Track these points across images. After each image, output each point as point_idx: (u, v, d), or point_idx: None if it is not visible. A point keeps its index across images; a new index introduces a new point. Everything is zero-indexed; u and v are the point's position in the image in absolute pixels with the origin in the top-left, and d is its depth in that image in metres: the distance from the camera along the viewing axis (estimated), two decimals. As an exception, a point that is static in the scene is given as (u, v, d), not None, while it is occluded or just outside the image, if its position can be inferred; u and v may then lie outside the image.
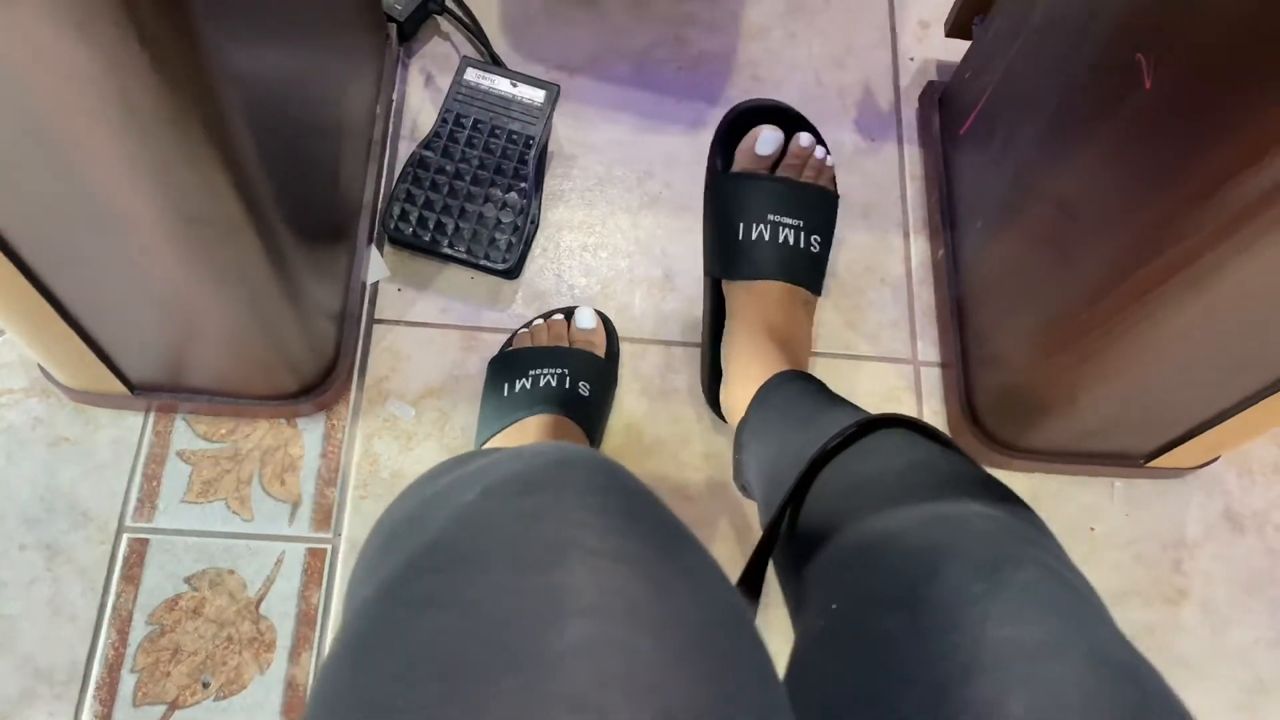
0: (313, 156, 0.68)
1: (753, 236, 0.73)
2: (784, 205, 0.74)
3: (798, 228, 0.74)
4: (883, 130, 0.96)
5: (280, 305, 0.65)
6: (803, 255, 0.74)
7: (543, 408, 0.72)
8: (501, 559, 0.29)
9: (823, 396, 0.63)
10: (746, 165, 0.76)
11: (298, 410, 0.78)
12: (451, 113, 0.85)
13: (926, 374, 0.87)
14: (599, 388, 0.75)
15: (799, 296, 0.74)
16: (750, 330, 0.71)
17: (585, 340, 0.78)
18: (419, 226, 0.82)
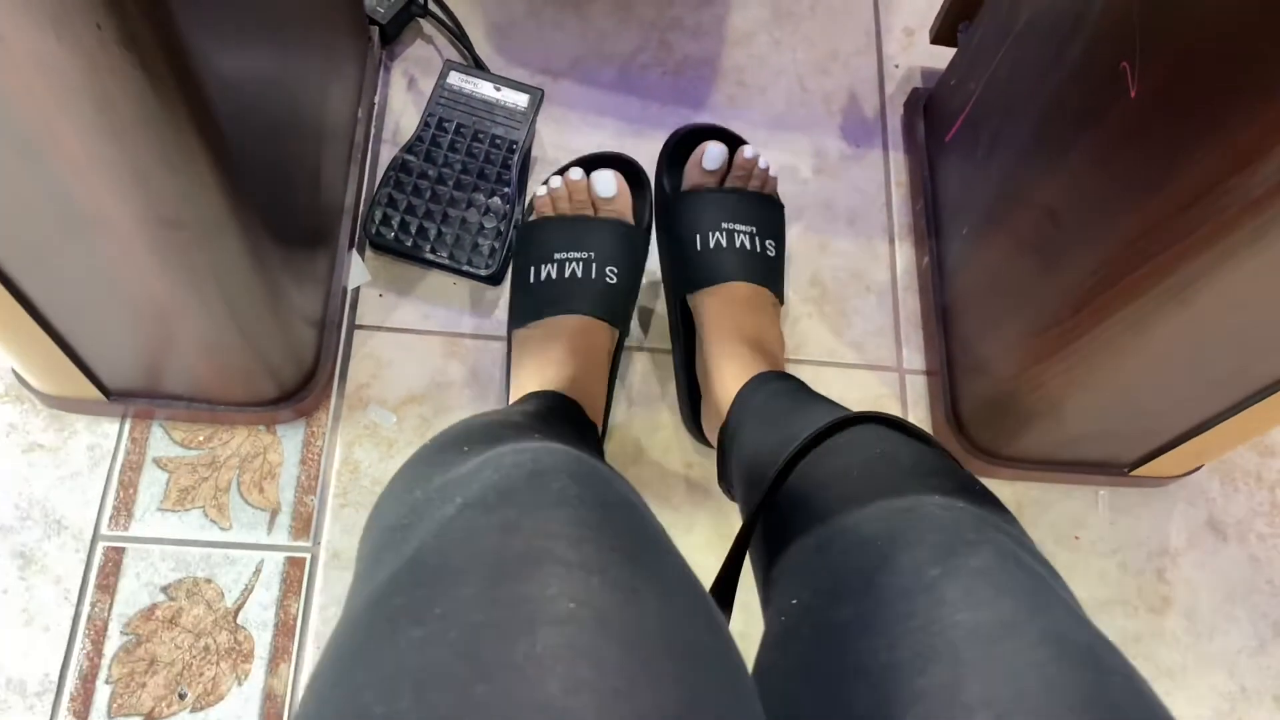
0: (293, 159, 0.68)
1: (710, 245, 0.74)
2: (736, 213, 0.75)
3: (751, 234, 0.75)
4: (868, 137, 0.96)
5: (259, 310, 0.64)
6: (760, 259, 0.75)
7: (571, 305, 0.71)
8: (477, 571, 0.30)
9: (801, 394, 0.63)
10: (695, 181, 0.77)
11: (277, 417, 0.77)
12: (434, 116, 0.85)
13: (912, 382, 0.87)
14: (627, 267, 0.74)
15: (764, 297, 0.75)
16: (722, 335, 0.72)
17: (612, 209, 0.75)
18: (401, 231, 0.82)
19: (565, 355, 0.70)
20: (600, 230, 0.74)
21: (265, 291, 0.63)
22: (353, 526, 0.76)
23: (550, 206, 0.77)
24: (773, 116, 0.96)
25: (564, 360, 0.70)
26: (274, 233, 0.61)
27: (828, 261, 0.91)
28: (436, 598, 0.29)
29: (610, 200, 0.76)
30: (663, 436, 0.82)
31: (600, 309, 0.72)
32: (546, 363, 0.70)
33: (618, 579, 0.30)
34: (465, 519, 0.32)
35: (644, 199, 0.78)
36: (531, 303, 0.73)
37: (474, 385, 0.82)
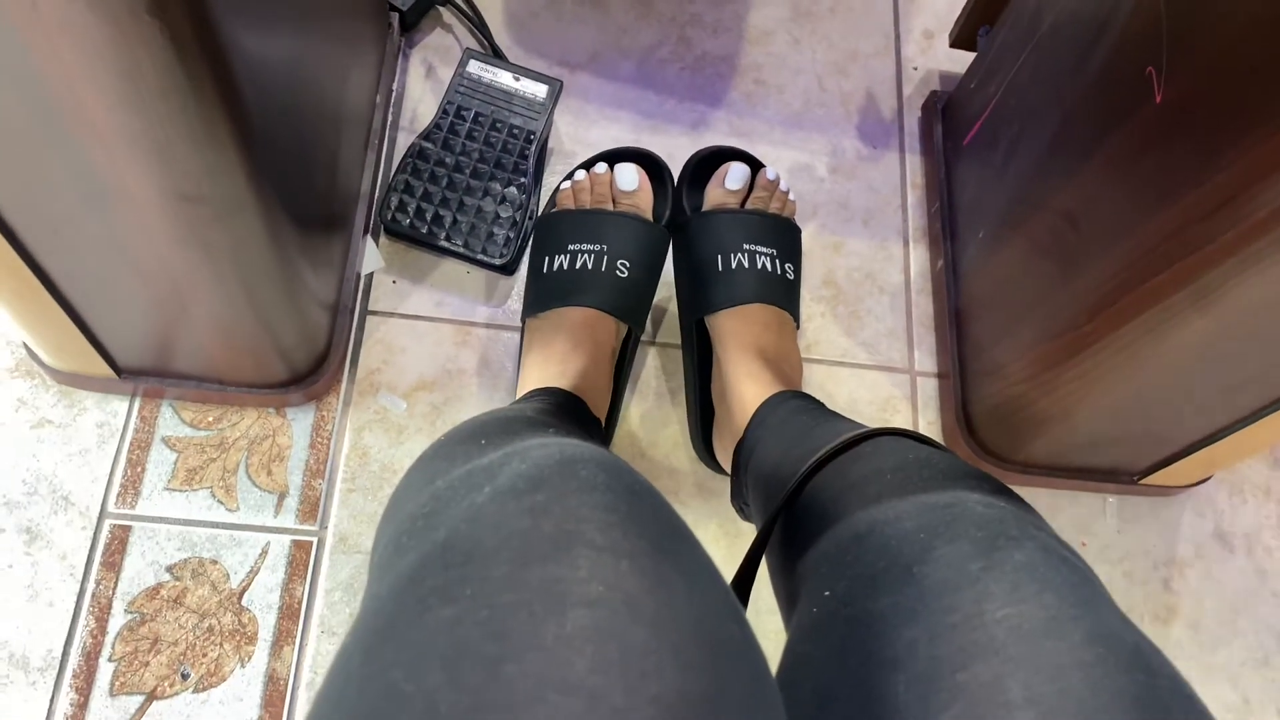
0: (312, 141, 0.68)
1: (732, 265, 0.74)
2: (758, 235, 0.76)
3: (773, 256, 0.75)
4: (885, 138, 0.96)
5: (274, 291, 0.64)
6: (780, 281, 0.75)
7: (579, 298, 0.71)
8: (508, 553, 0.30)
9: (821, 413, 0.64)
10: (717, 201, 0.77)
11: (287, 400, 0.77)
12: (453, 104, 0.85)
13: (923, 384, 0.87)
14: (642, 262, 0.74)
15: (783, 320, 0.75)
16: (741, 355, 0.72)
17: (631, 204, 0.76)
18: (416, 218, 0.82)
19: (569, 348, 0.70)
20: (616, 223, 0.75)
21: (281, 273, 0.63)
22: (360, 512, 0.76)
23: (572, 199, 0.77)
24: (790, 115, 0.96)
25: (567, 354, 0.70)
26: (292, 214, 0.61)
27: (842, 261, 0.91)
28: (468, 579, 0.29)
29: (631, 194, 0.76)
30: (671, 433, 0.82)
31: (609, 302, 0.72)
32: (550, 356, 0.71)
33: (646, 565, 0.30)
34: (496, 505, 0.33)
35: (665, 196, 0.78)
36: (543, 292, 0.73)
37: (485, 374, 0.82)
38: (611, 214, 0.75)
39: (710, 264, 0.75)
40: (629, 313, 0.73)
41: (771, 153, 0.94)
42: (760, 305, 0.74)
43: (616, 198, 0.76)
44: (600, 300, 0.72)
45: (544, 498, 0.32)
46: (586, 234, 0.74)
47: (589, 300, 0.72)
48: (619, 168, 0.77)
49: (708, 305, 0.75)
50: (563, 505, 0.32)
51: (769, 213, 0.77)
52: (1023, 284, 0.73)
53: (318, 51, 0.67)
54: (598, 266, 0.73)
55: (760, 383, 0.69)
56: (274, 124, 0.55)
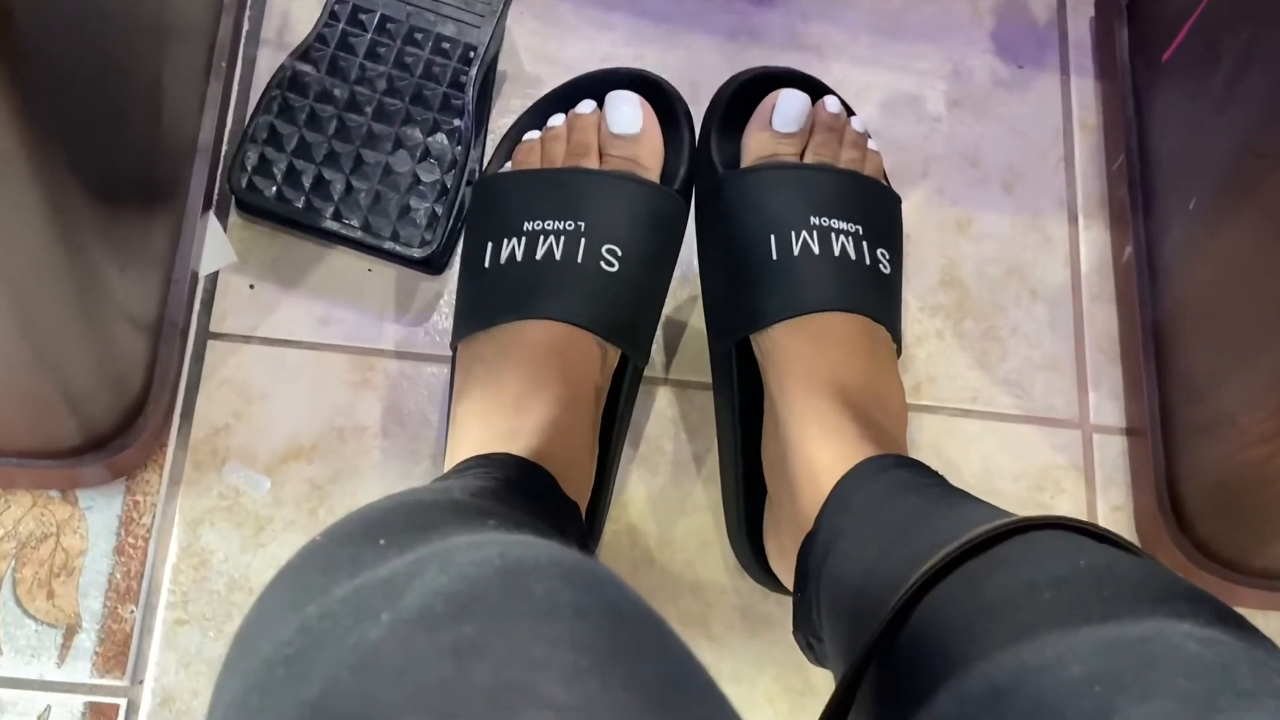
0: (117, 68, 0.67)
1: (794, 250, 0.74)
2: (832, 202, 0.75)
3: (856, 235, 0.75)
4: (1036, 52, 0.96)
5: (56, 305, 0.64)
6: (870, 275, 0.75)
7: (540, 305, 0.72)
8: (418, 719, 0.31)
9: (936, 491, 0.64)
10: (763, 152, 0.77)
11: (79, 476, 0.77)
12: (345, 3, 0.84)
13: (1103, 445, 0.86)
14: (641, 249, 0.75)
15: (876, 338, 0.75)
16: (810, 396, 0.72)
17: (626, 156, 0.76)
18: (287, 185, 0.82)
19: (526, 388, 0.71)
20: (600, 187, 0.75)
21: (67, 274, 0.63)
22: (195, 656, 0.75)
23: (537, 156, 0.77)
24: (883, 18, 0.96)
25: (523, 397, 0.71)
26: (85, 179, 0.61)
27: (969, 249, 0.90)
28: None
29: (628, 141, 0.76)
30: (696, 525, 0.81)
31: (588, 312, 0.72)
32: (496, 401, 0.71)
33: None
34: (398, 641, 0.34)
35: (680, 146, 0.79)
36: (483, 298, 0.74)
37: (397, 433, 0.81)
38: (595, 173, 0.75)
39: (758, 249, 0.75)
40: (621, 330, 0.74)
41: (855, 77, 0.93)
42: (840, 315, 0.73)
43: (606, 147, 0.77)
44: (575, 309, 0.72)
45: (475, 629, 0.33)
46: (553, 204, 0.74)
47: (557, 309, 0.72)
48: (611, 100, 0.77)
49: (756, 316, 0.75)
50: (505, 641, 0.33)
51: (845, 169, 0.77)
52: (1264, 284, 0.72)
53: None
54: (570, 256, 0.73)
55: (840, 441, 0.69)
56: (52, 41, 0.54)
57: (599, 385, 0.74)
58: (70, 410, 0.73)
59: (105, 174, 0.65)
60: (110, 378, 0.74)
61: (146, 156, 0.74)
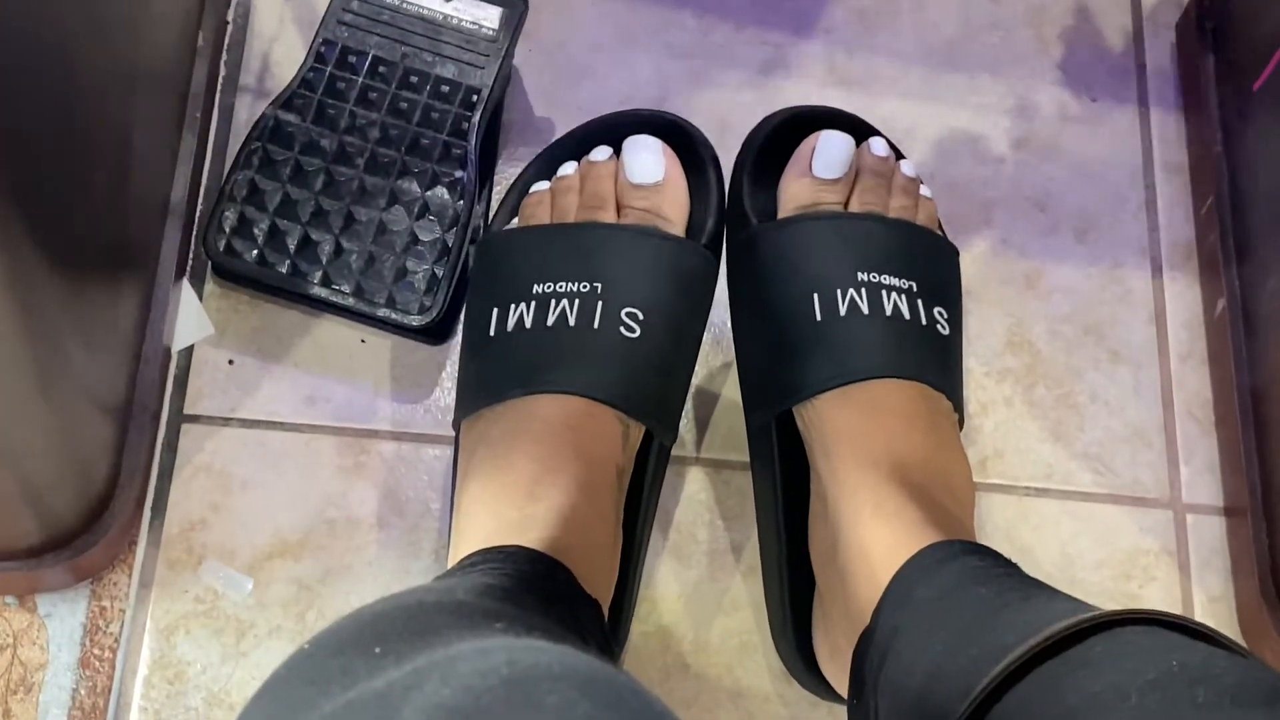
0: (79, 122, 0.68)
1: (840, 310, 0.74)
2: (881, 256, 0.76)
3: (910, 292, 0.75)
4: (1111, 83, 0.96)
5: (12, 386, 0.64)
6: (927, 337, 0.75)
7: (553, 377, 0.72)
8: None
9: (1009, 583, 0.63)
10: (802, 200, 0.78)
11: (39, 579, 0.77)
12: (333, 45, 0.85)
13: (1198, 527, 0.85)
14: (667, 312, 0.75)
15: (936, 408, 0.75)
16: (864, 473, 0.72)
17: (647, 208, 0.77)
18: (269, 248, 0.82)
19: (538, 471, 0.71)
20: (619, 243, 0.75)
21: (24, 352, 0.63)
22: (170, 782, 0.75)
23: (547, 209, 0.78)
24: (937, 48, 0.96)
25: (536, 481, 0.71)
26: (44, 249, 0.62)
27: (1040, 306, 0.90)
28: None
29: (650, 191, 0.77)
30: (736, 624, 0.81)
31: (607, 384, 0.73)
32: (506, 487, 0.71)
33: None
34: None
35: (708, 196, 0.79)
36: (489, 372, 0.74)
37: (395, 524, 0.81)
38: (613, 227, 0.76)
39: (799, 310, 0.75)
40: (645, 404, 0.74)
41: (906, 114, 0.94)
42: (894, 382, 0.74)
43: (625, 199, 0.77)
44: (592, 381, 0.72)
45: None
46: (566, 263, 0.75)
47: (571, 381, 0.72)
48: (629, 146, 0.77)
49: (799, 386, 0.75)
50: None
51: (895, 218, 0.77)
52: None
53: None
54: (586, 321, 0.73)
55: (899, 525, 0.69)
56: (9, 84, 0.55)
57: (621, 467, 0.74)
58: (28, 505, 0.73)
59: (67, 240, 0.66)
60: (73, 468, 0.74)
61: (113, 219, 0.75)
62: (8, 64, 0.56)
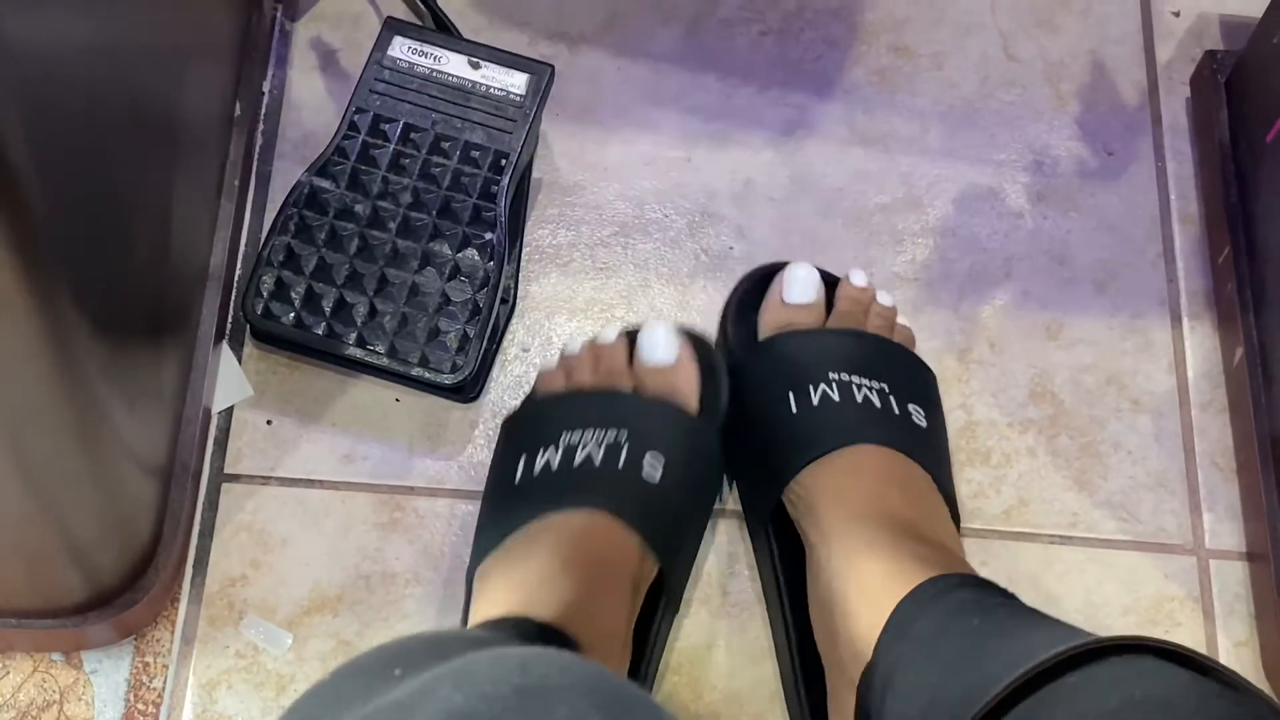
0: (125, 189, 0.69)
1: (813, 401, 0.78)
2: (853, 360, 0.80)
3: (881, 390, 0.79)
4: (1127, 137, 0.97)
5: (58, 448, 0.65)
6: (900, 423, 0.78)
7: (577, 498, 0.74)
8: None
9: (1003, 613, 0.64)
10: (779, 324, 0.82)
11: (85, 637, 0.78)
12: (366, 113, 0.87)
13: (1222, 572, 0.86)
14: (683, 466, 0.77)
15: (911, 471, 0.77)
16: (851, 525, 0.73)
17: (664, 385, 0.79)
18: (305, 310, 0.84)
19: (555, 567, 0.72)
20: (640, 406, 0.79)
21: (70, 415, 0.64)
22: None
23: (562, 381, 0.81)
24: (955, 106, 0.98)
25: (553, 574, 0.72)
26: (88, 314, 0.62)
27: (1061, 357, 0.91)
28: None
29: (664, 371, 0.80)
30: (764, 674, 0.81)
31: (628, 508, 0.75)
32: (529, 573, 0.72)
33: None
34: None
35: (717, 388, 0.82)
36: (511, 509, 0.76)
37: (431, 578, 0.82)
38: (632, 395, 0.79)
39: (778, 410, 0.78)
40: (664, 541, 0.75)
41: (926, 171, 0.95)
42: (870, 447, 0.76)
43: (642, 378, 0.80)
44: (614, 502, 0.74)
45: None
46: (592, 417, 0.77)
47: (597, 499, 0.74)
48: (647, 330, 0.81)
49: (782, 471, 0.77)
50: None
51: (869, 332, 0.81)
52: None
53: (129, 35, 0.69)
54: (611, 461, 0.76)
55: (894, 561, 0.70)
56: (58, 163, 0.56)
57: (635, 583, 0.75)
58: (74, 563, 0.73)
59: (110, 305, 0.67)
60: (117, 526, 0.75)
61: (154, 285, 0.76)
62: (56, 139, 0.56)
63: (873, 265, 0.92)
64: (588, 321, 0.90)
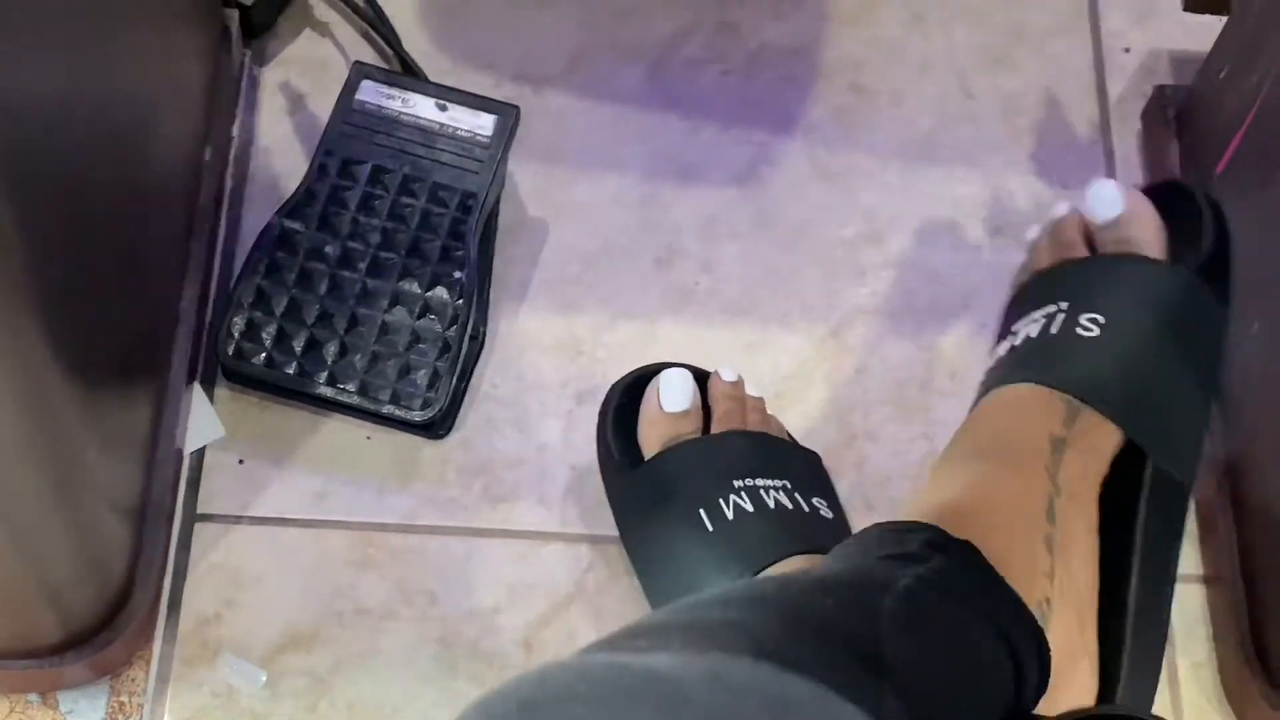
0: (97, 235, 0.70)
1: (727, 515, 0.78)
2: (750, 463, 0.80)
3: (785, 488, 0.79)
4: (1081, 171, 0.97)
5: (31, 490, 0.65)
6: (811, 519, 0.79)
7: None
8: None
9: None
10: (664, 437, 0.81)
11: (60, 677, 0.78)
12: (335, 155, 0.88)
13: (1182, 595, 0.84)
14: (1132, 318, 0.75)
15: None
16: None
17: (1117, 240, 0.78)
18: (276, 350, 0.84)
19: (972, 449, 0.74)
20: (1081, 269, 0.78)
21: (43, 457, 0.64)
22: None
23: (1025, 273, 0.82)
24: (913, 141, 0.99)
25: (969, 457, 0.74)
26: (60, 358, 0.62)
27: (1020, 386, 0.92)
28: None
29: (1115, 226, 0.78)
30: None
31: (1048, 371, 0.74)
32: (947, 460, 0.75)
33: None
34: None
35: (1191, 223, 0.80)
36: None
37: (404, 614, 0.82)
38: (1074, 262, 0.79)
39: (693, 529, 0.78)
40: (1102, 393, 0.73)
41: (886, 205, 0.96)
42: (795, 559, 0.75)
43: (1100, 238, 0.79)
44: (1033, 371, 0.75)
45: None
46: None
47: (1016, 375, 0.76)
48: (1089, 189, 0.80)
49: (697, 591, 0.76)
50: None
51: (754, 431, 0.81)
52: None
53: (101, 83, 0.70)
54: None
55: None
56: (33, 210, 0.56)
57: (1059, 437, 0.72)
58: (49, 604, 0.73)
59: (82, 348, 0.67)
60: (91, 567, 0.75)
61: (126, 328, 0.77)
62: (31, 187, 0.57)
63: (835, 298, 0.93)
64: (556, 358, 0.90)
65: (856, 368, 0.92)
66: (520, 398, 0.89)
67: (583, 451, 0.87)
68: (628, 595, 0.84)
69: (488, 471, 0.87)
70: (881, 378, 0.90)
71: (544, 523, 0.86)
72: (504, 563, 0.85)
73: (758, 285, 0.93)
